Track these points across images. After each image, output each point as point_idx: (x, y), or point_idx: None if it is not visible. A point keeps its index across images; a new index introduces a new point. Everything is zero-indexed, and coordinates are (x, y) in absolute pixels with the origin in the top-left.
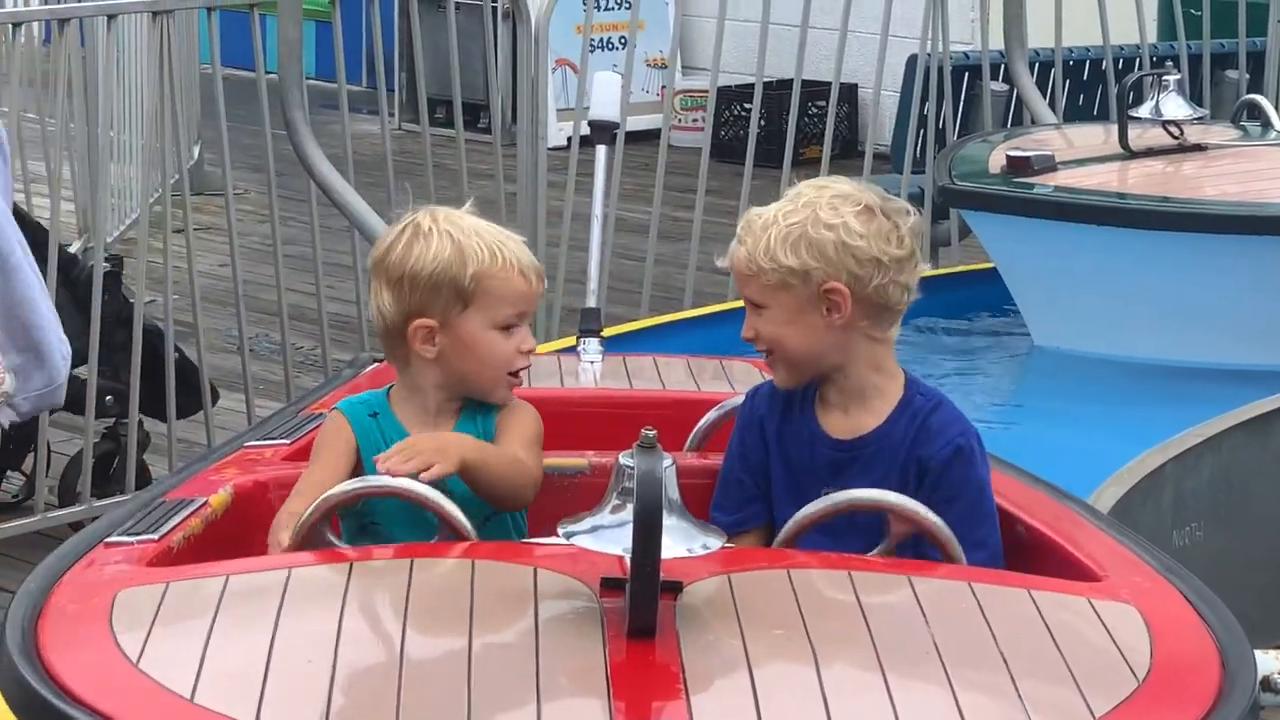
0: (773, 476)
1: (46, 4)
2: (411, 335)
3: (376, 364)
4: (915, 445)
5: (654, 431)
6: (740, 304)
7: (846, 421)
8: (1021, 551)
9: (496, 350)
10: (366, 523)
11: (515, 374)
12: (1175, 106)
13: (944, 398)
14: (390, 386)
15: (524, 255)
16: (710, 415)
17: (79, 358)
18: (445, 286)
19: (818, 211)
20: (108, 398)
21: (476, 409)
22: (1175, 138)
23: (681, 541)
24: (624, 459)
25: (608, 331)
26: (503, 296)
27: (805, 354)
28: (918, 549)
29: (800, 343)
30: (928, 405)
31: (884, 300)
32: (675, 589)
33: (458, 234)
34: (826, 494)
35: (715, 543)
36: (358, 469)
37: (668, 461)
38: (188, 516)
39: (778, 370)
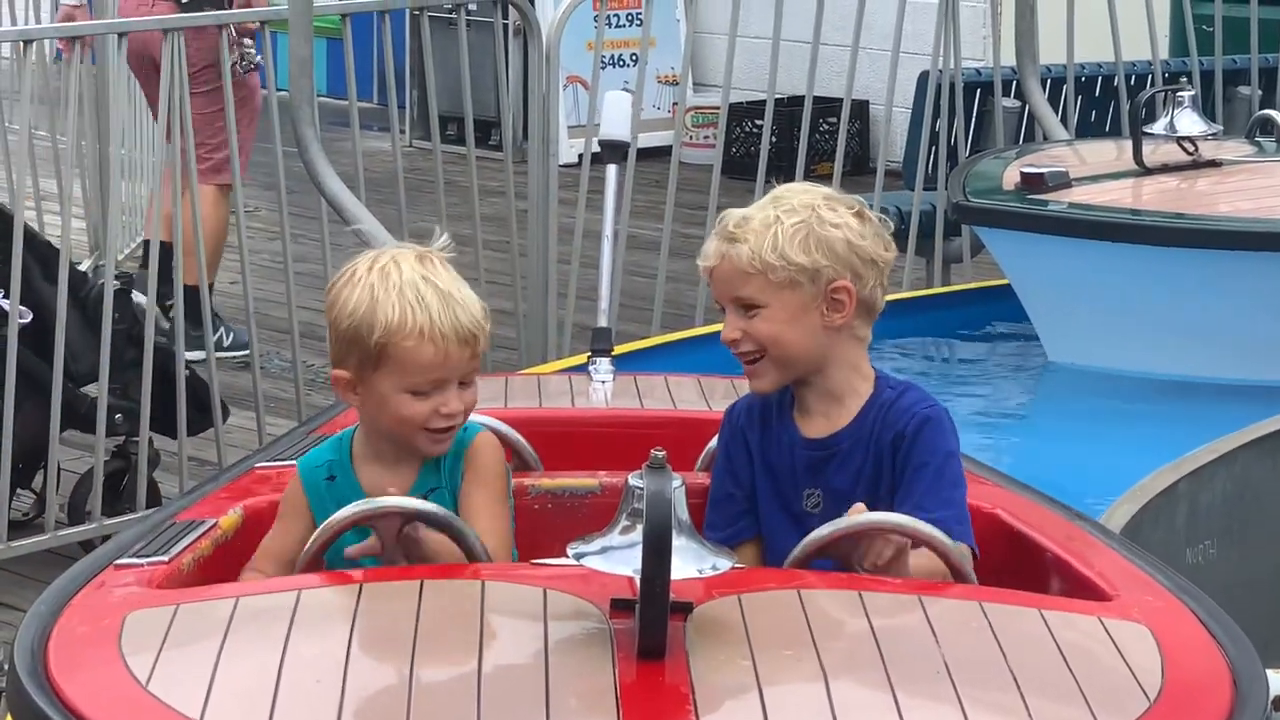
0: (758, 487)
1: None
2: (335, 383)
3: None
4: (884, 428)
5: (663, 452)
6: None
7: (825, 422)
8: (1031, 571)
9: (409, 412)
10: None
11: (437, 431)
12: (1189, 122)
13: (911, 384)
14: (356, 428)
15: (443, 318)
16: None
17: (90, 376)
18: (355, 344)
19: (819, 211)
20: (118, 416)
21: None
22: (1189, 154)
23: (691, 562)
24: (633, 480)
25: (619, 349)
26: (407, 364)
27: (799, 354)
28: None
29: (797, 342)
30: (894, 395)
31: (873, 302)
32: (685, 610)
33: (380, 288)
34: (809, 495)
35: (725, 564)
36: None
37: (677, 482)
38: (198, 538)
39: (765, 373)
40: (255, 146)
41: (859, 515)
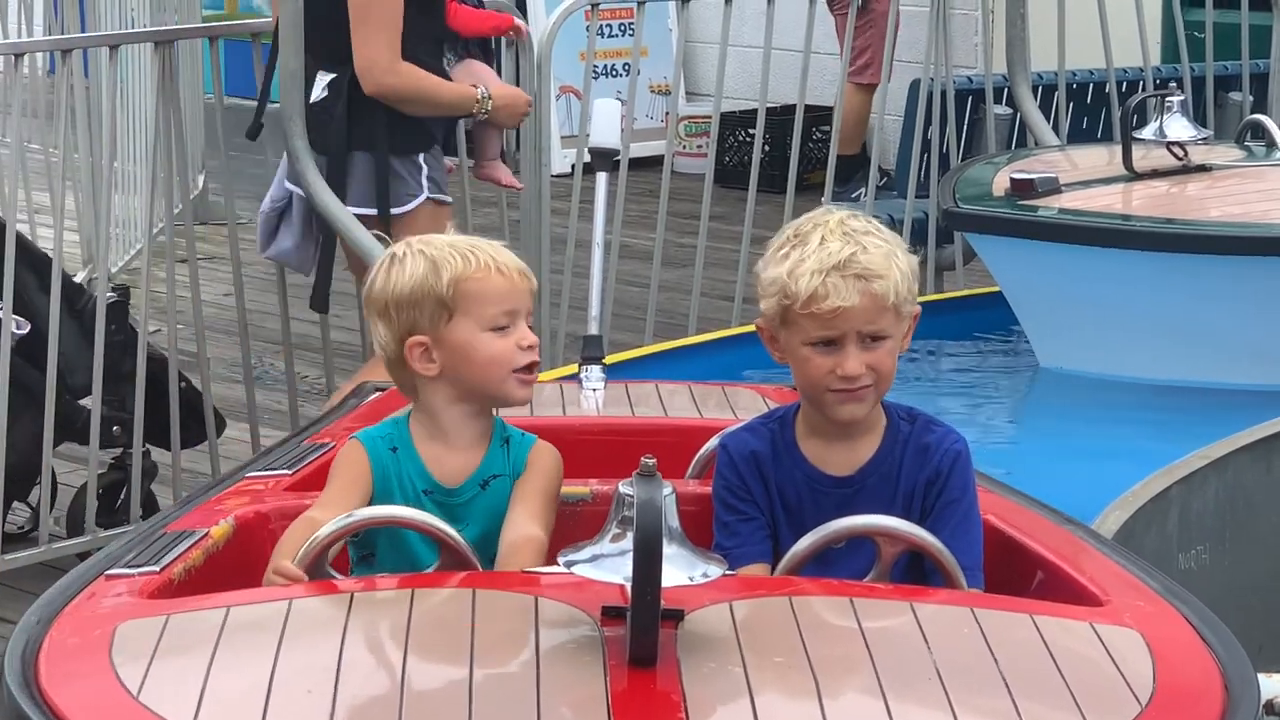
0: (776, 518)
1: (50, 34)
2: (409, 356)
3: (379, 393)
4: (917, 469)
5: (653, 459)
6: (744, 329)
7: (845, 455)
8: (1023, 576)
9: (494, 351)
10: (366, 554)
11: (523, 370)
12: (1180, 127)
13: (921, 412)
14: (409, 413)
15: (500, 254)
16: (712, 442)
17: (86, 388)
18: (427, 300)
19: (884, 238)
20: (114, 428)
21: (504, 443)
22: (1179, 159)
23: (682, 569)
24: (623, 487)
25: (611, 358)
26: (484, 297)
27: (891, 382)
28: (911, 574)
29: (894, 370)
30: (915, 426)
31: None
32: (677, 617)
33: (430, 250)
34: None
35: (716, 570)
36: (370, 502)
37: (667, 489)
38: (189, 548)
39: (864, 403)
40: (248, 158)
41: (849, 519)
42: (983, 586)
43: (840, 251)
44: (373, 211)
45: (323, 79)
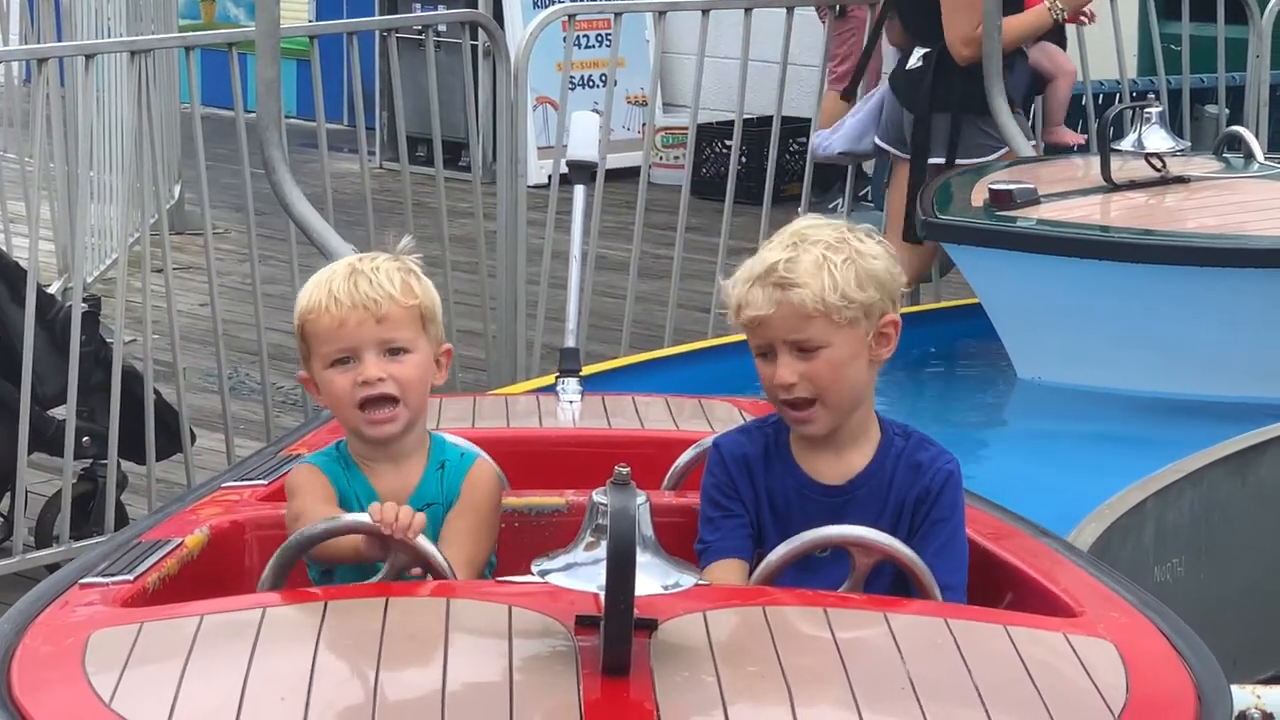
0: (764, 526)
1: (26, 43)
2: (305, 387)
3: None
4: (908, 485)
5: (627, 468)
6: (720, 341)
7: (836, 464)
8: (998, 588)
9: (335, 389)
10: (327, 569)
11: (367, 407)
12: (1158, 139)
13: (916, 431)
14: (345, 440)
15: (340, 290)
16: (688, 454)
17: (57, 399)
18: (298, 335)
19: (854, 244)
20: (85, 439)
21: (440, 467)
22: (1157, 170)
23: (656, 578)
24: (597, 496)
25: (587, 370)
26: (319, 336)
27: (853, 394)
28: (896, 589)
29: (853, 381)
30: (909, 443)
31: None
32: (650, 626)
33: (313, 280)
34: None
35: (689, 580)
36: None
37: (641, 498)
38: (163, 557)
39: (818, 419)
40: (224, 168)
41: (821, 530)
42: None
43: (768, 259)
44: (943, 160)
45: (918, 52)
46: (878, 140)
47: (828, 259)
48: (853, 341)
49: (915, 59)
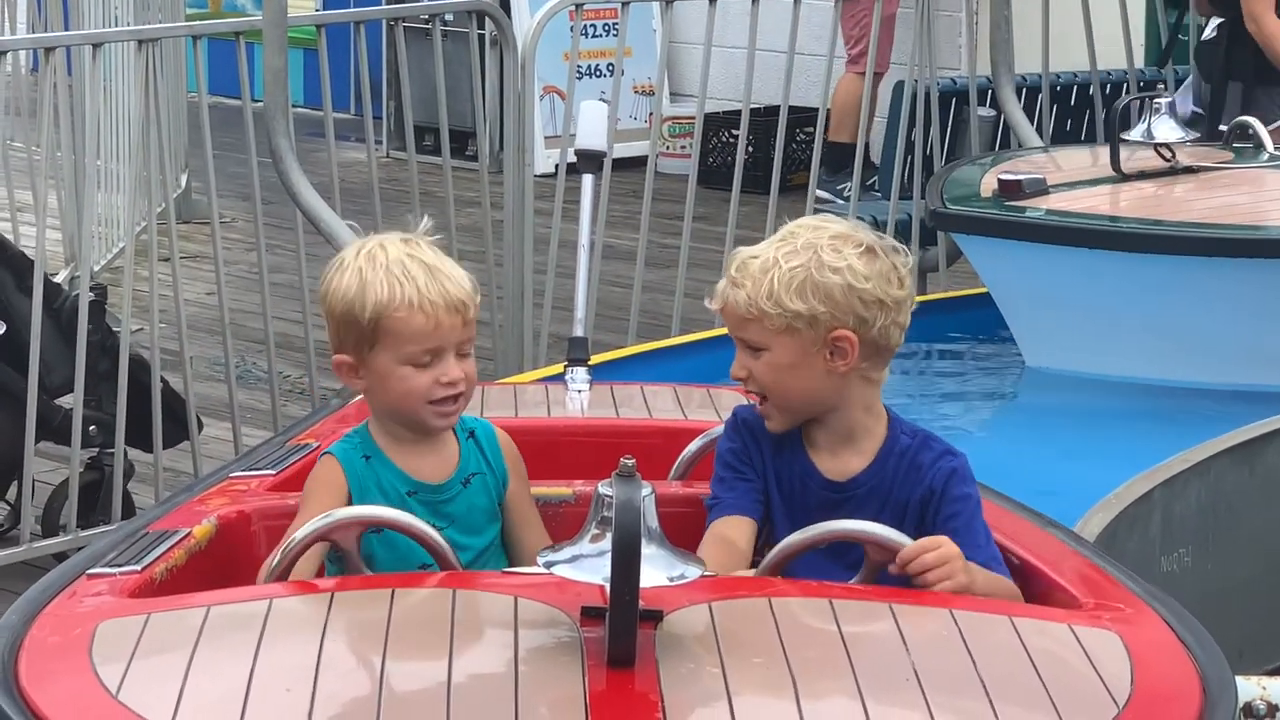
0: (772, 502)
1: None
2: (338, 371)
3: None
4: (908, 486)
5: (632, 460)
6: (722, 332)
7: (835, 462)
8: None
9: (410, 385)
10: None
11: (440, 402)
12: (1167, 129)
13: (928, 433)
14: (367, 422)
15: (430, 289)
16: (695, 443)
17: (64, 387)
18: (352, 327)
19: (820, 254)
20: (91, 427)
21: (470, 435)
22: (1166, 160)
23: (661, 570)
24: (603, 488)
25: (595, 359)
26: (403, 335)
27: (802, 399)
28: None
29: (800, 387)
30: (913, 444)
31: (885, 342)
32: (655, 618)
33: (369, 269)
34: None
35: (695, 571)
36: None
37: (646, 490)
38: (171, 548)
39: (771, 415)
40: (231, 157)
41: (822, 525)
42: (1008, 576)
43: (741, 254)
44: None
45: (1213, 22)
46: (1193, 106)
47: (779, 263)
48: (793, 349)
49: (1210, 29)
